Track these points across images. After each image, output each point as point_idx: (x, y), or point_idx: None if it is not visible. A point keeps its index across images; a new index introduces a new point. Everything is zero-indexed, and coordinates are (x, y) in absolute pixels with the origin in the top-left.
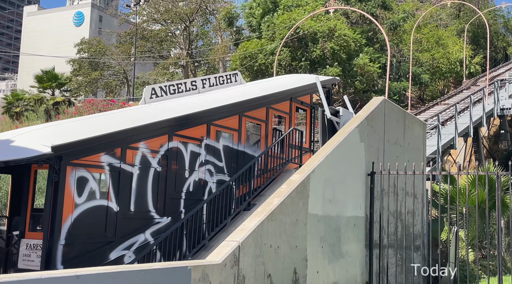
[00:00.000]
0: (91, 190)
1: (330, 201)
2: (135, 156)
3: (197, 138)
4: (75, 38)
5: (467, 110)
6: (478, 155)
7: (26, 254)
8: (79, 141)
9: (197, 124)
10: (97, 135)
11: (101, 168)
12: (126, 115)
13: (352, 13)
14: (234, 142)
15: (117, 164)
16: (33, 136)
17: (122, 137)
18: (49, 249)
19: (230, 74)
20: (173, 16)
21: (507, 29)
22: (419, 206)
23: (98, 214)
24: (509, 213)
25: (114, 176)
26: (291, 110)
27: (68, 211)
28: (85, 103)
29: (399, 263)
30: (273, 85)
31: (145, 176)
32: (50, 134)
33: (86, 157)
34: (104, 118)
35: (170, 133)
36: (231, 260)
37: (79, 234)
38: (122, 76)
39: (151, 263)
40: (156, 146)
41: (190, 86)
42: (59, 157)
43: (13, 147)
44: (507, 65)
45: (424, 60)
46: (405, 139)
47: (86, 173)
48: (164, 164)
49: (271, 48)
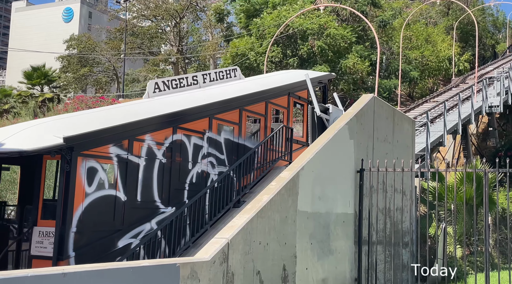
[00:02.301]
0: (100, 180)
1: (320, 198)
2: (142, 147)
3: (199, 132)
4: (64, 35)
5: (456, 107)
6: (466, 152)
7: (38, 241)
8: (89, 133)
9: (199, 118)
10: (106, 128)
11: (110, 159)
12: (132, 108)
13: (342, 10)
14: (234, 135)
15: (125, 155)
16: (44, 128)
17: (129, 129)
18: (61, 236)
19: (230, 70)
20: (163, 13)
21: (496, 27)
22: (408, 202)
23: (107, 203)
24: (496, 210)
25: (122, 167)
26: (289, 105)
27: (79, 200)
28: (74, 100)
29: (388, 260)
30: (272, 81)
31: (150, 167)
32: (61, 127)
33: (96, 148)
34: (111, 111)
35: (174, 126)
36: (220, 257)
37: (89, 222)
38: (112, 72)
39: (139, 260)
40: (161, 138)
41: (192, 81)
42: (70, 148)
43: (25, 138)
44: (496, 63)
45: (414, 57)
46: (394, 136)
47: (96, 164)
48: (168, 156)
49: (263, 48)
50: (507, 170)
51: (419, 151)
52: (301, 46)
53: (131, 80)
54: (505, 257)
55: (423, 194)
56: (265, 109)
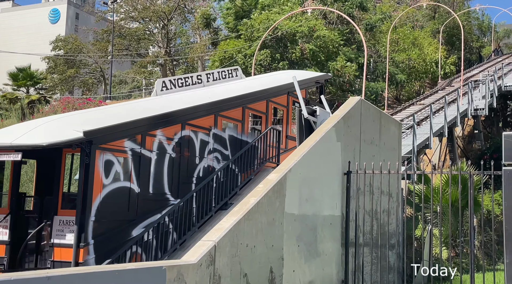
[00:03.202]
0: (116, 172)
1: (307, 200)
2: (153, 142)
3: (206, 128)
4: (50, 36)
5: (442, 110)
6: (452, 154)
7: (59, 230)
8: (107, 127)
9: (206, 115)
10: (122, 123)
11: (125, 152)
12: (144, 105)
13: (330, 13)
14: (238, 132)
15: (138, 149)
16: (62, 123)
17: (142, 125)
18: (81, 225)
19: (231, 69)
20: (151, 14)
21: (481, 31)
22: (395, 205)
23: (122, 194)
24: (481, 212)
25: (136, 160)
26: (288, 103)
27: (97, 190)
28: (60, 102)
29: (375, 262)
30: (272, 80)
31: (161, 161)
32: (78, 121)
33: (112, 142)
34: (125, 107)
35: (183, 123)
36: (207, 260)
37: (106, 212)
38: (99, 74)
39: (125, 264)
40: (171, 134)
41: (196, 80)
42: (89, 141)
43: (46, 133)
44: (481, 66)
45: (400, 60)
46: (381, 139)
47: (112, 157)
48: (177, 151)
49: (252, 50)
50: (491, 172)
51: (406, 153)
52: (291, 49)
53: (118, 82)
54: (490, 258)
55: (410, 196)
56: (266, 108)
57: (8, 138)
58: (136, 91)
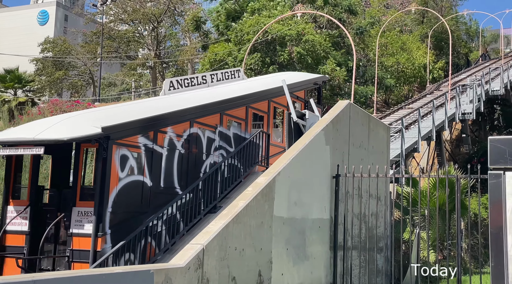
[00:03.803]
0: (130, 167)
1: (296, 203)
2: (164, 138)
3: (212, 126)
4: (39, 37)
5: (430, 114)
6: (440, 158)
7: (77, 220)
8: (123, 123)
9: (212, 114)
10: (136, 119)
11: (138, 147)
12: (155, 103)
13: (320, 17)
14: (242, 130)
15: (151, 145)
16: (81, 119)
17: (155, 122)
18: (99, 215)
19: (234, 70)
20: (140, 17)
21: (469, 36)
22: (383, 208)
23: (136, 187)
24: (468, 215)
25: (148, 156)
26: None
27: (114, 183)
28: (49, 104)
29: (363, 265)
30: (273, 81)
31: (171, 156)
32: (95, 118)
33: (127, 138)
34: (137, 105)
35: (191, 121)
36: (195, 263)
37: (121, 203)
38: (87, 76)
39: (112, 267)
40: (180, 131)
41: (201, 80)
42: (107, 137)
43: (66, 128)
44: (469, 71)
45: (389, 65)
46: (370, 142)
47: (127, 152)
48: (186, 147)
49: (242, 54)
50: (478, 176)
51: (394, 157)
52: (280, 52)
53: (107, 84)
54: (477, 261)
55: (398, 199)
56: (267, 107)
57: (31, 134)
58: (125, 93)
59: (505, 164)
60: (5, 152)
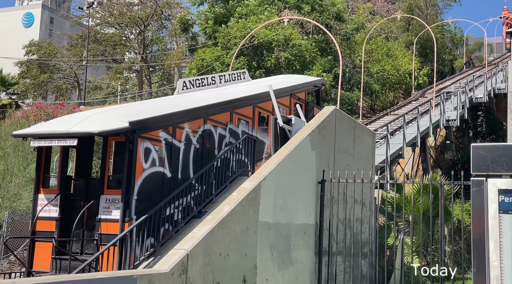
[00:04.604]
0: (153, 159)
1: (281, 208)
2: (182, 134)
3: (223, 123)
4: (24, 40)
5: (415, 121)
6: (425, 164)
7: (105, 207)
8: (147, 119)
9: (223, 112)
10: (158, 115)
11: (159, 141)
12: (173, 101)
13: (307, 23)
14: (249, 128)
15: (170, 140)
16: (109, 114)
17: (174, 118)
18: (126, 202)
19: (240, 72)
20: (127, 20)
21: (454, 44)
22: (368, 213)
23: (157, 178)
24: (452, 221)
25: (168, 149)
26: (291, 104)
27: (139, 173)
28: (32, 107)
29: (348, 270)
30: (276, 83)
31: (188, 150)
32: (121, 114)
33: (150, 132)
34: (157, 103)
35: (205, 118)
36: (179, 269)
37: (145, 192)
38: (73, 79)
39: (95, 273)
40: (196, 127)
41: (211, 81)
42: (133, 131)
43: (97, 122)
44: (453, 78)
45: (375, 71)
46: (355, 148)
47: (150, 145)
48: (200, 142)
49: (228, 60)
50: (461, 183)
51: (379, 163)
52: (268, 57)
53: (93, 87)
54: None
55: (383, 205)
56: (272, 107)
57: (65, 127)
58: (111, 97)
59: (487, 171)
60: (41, 144)
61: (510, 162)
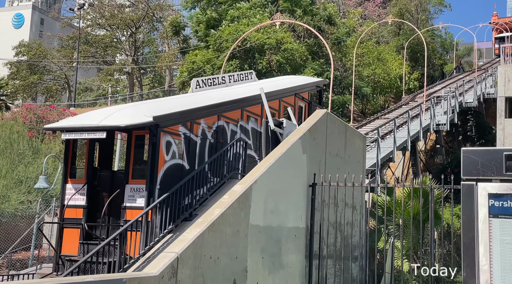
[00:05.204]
0: (173, 151)
1: (272, 211)
2: (198, 129)
3: (235, 120)
4: (13, 41)
5: (405, 125)
6: (415, 168)
7: (130, 195)
8: (169, 114)
9: (235, 109)
10: (178, 111)
11: (179, 135)
12: (189, 99)
13: (298, 27)
14: (258, 125)
15: (188, 134)
16: (134, 110)
17: (191, 114)
18: (150, 191)
19: (247, 73)
20: (118, 22)
21: (444, 49)
22: (358, 217)
23: (177, 169)
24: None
25: (186, 143)
26: (295, 103)
27: (161, 164)
28: (22, 108)
29: (338, 274)
30: (282, 83)
31: (204, 145)
32: (145, 109)
33: (171, 126)
34: (176, 100)
35: (219, 114)
36: (169, 272)
37: (166, 182)
38: (63, 81)
39: (84, 276)
40: (210, 123)
41: (221, 81)
42: (157, 125)
43: (123, 117)
44: (443, 83)
45: (366, 75)
46: (346, 151)
47: (171, 138)
48: (215, 137)
49: (220, 61)
50: (451, 187)
51: (370, 166)
52: (259, 60)
53: (83, 89)
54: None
55: (374, 208)
56: (279, 106)
57: (94, 121)
58: (102, 99)
59: (477, 175)
60: (72, 136)
61: (500, 166)
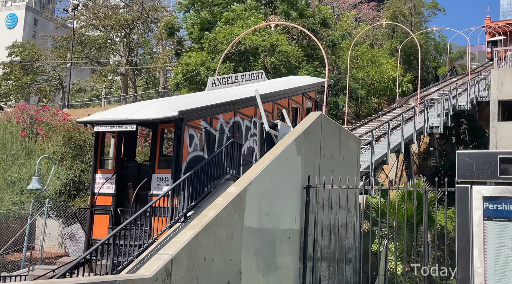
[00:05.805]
0: (195, 144)
1: (266, 213)
2: (217, 124)
3: (249, 116)
4: (7, 41)
5: (399, 127)
6: (408, 170)
7: (156, 184)
8: (192, 109)
9: (249, 106)
10: (200, 106)
11: (200, 129)
12: (206, 96)
13: (293, 29)
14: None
15: (208, 128)
16: (159, 105)
17: (211, 110)
18: (175, 180)
19: (257, 73)
20: (113, 23)
21: (437, 51)
22: (352, 219)
23: (198, 161)
24: (435, 227)
25: (206, 136)
26: (303, 102)
27: (185, 155)
28: (15, 109)
29: (332, 276)
30: (291, 83)
31: (222, 139)
32: (170, 105)
33: (194, 121)
34: (197, 97)
35: (235, 111)
36: (163, 274)
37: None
38: (57, 81)
39: (77, 277)
40: (227, 118)
41: (234, 80)
42: (181, 119)
43: (151, 111)
44: (437, 86)
45: (360, 77)
46: (340, 154)
47: (193, 132)
48: (231, 132)
49: (215, 63)
50: (445, 189)
51: (364, 169)
52: (254, 62)
53: (77, 90)
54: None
55: (367, 210)
56: (288, 104)
57: (124, 115)
58: (95, 100)
59: (472, 177)
60: (103, 129)
61: (495, 169)
